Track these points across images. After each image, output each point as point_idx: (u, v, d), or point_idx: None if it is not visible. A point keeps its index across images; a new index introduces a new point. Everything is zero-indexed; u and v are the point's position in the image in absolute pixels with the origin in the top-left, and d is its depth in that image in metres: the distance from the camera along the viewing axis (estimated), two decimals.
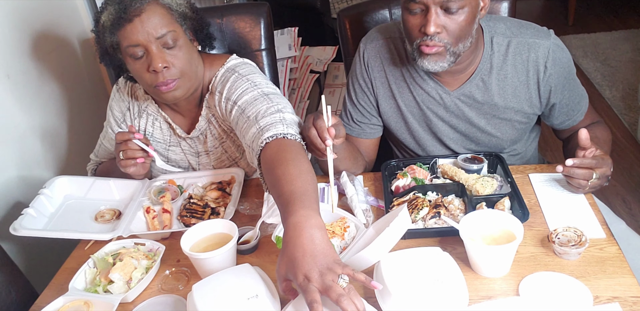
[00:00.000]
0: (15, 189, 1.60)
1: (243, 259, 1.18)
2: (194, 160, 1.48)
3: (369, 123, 1.46)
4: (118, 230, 1.24)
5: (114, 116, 1.49)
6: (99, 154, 1.60)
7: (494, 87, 1.31)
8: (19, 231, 1.23)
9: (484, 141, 1.41)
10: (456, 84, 1.33)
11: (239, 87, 1.29)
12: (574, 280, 1.00)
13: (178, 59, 1.24)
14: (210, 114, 1.39)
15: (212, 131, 1.41)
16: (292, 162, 1.03)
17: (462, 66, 1.29)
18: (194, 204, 1.31)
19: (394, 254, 1.03)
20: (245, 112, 1.24)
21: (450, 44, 1.17)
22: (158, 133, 1.46)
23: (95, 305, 1.07)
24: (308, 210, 0.91)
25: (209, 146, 1.44)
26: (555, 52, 1.28)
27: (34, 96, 1.72)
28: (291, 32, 2.67)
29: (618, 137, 2.86)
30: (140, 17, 1.19)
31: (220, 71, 1.36)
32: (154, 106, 1.44)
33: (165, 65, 1.22)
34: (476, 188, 1.24)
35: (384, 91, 1.40)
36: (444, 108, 1.36)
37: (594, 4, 4.52)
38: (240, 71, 1.34)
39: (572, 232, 1.07)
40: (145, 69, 1.23)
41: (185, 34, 1.28)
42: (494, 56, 1.29)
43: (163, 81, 1.23)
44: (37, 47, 1.74)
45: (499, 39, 1.29)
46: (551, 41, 1.28)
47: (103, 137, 1.56)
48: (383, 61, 1.38)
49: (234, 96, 1.28)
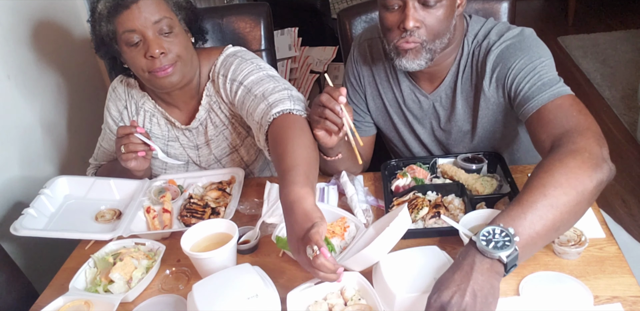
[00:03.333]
0: (16, 189, 1.60)
1: (243, 259, 1.18)
2: (194, 153, 1.49)
3: (363, 121, 1.47)
4: (118, 230, 1.24)
5: (111, 116, 1.49)
6: (98, 158, 1.60)
7: (458, 92, 1.31)
8: (19, 231, 1.23)
9: (464, 145, 1.40)
10: (432, 87, 1.34)
11: (245, 69, 1.31)
12: (574, 280, 1.00)
13: (174, 45, 1.26)
14: (211, 102, 1.40)
15: (214, 120, 1.43)
16: (292, 139, 1.09)
17: (437, 68, 1.29)
18: (194, 204, 1.32)
19: (394, 255, 1.03)
20: (252, 91, 1.27)
21: (427, 41, 1.17)
22: (156, 129, 1.47)
23: (96, 304, 1.07)
24: (292, 186, 0.96)
25: (210, 135, 1.45)
26: (502, 48, 1.21)
27: (35, 96, 1.72)
28: (291, 33, 2.68)
29: (618, 138, 2.87)
30: (137, 3, 1.22)
31: (220, 58, 1.38)
32: (151, 102, 1.44)
33: (162, 51, 1.24)
34: (476, 187, 1.24)
35: (372, 90, 1.42)
36: (422, 111, 1.38)
37: (594, 4, 4.52)
38: (242, 56, 1.37)
39: (572, 232, 1.07)
40: (141, 55, 1.25)
41: (180, 23, 1.31)
42: (462, 59, 1.29)
43: (160, 66, 1.25)
44: (37, 48, 1.74)
45: (470, 40, 1.27)
46: (503, 39, 1.22)
47: (102, 140, 1.56)
48: (370, 60, 1.40)
49: (239, 76, 1.31)
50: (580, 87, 3.34)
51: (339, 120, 1.14)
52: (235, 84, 1.31)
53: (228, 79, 1.33)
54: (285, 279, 1.11)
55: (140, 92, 1.45)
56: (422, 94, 1.35)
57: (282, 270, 1.14)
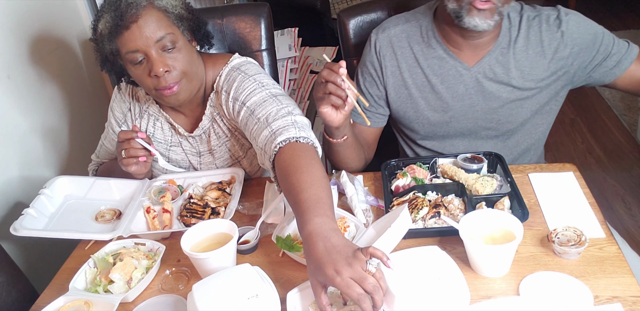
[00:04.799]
0: (16, 189, 1.60)
1: (243, 259, 1.18)
2: (195, 160, 1.49)
3: (375, 112, 1.47)
4: (118, 230, 1.24)
5: (115, 117, 1.49)
6: (100, 155, 1.60)
7: (512, 61, 1.33)
8: (19, 231, 1.23)
9: (500, 120, 1.41)
10: (475, 59, 1.35)
11: (247, 88, 1.29)
12: (574, 280, 1.00)
13: (178, 61, 1.25)
14: (214, 112, 1.39)
15: (216, 130, 1.42)
16: (306, 169, 1.04)
17: (485, 39, 1.32)
18: (194, 204, 1.32)
19: (394, 255, 1.03)
20: (254, 113, 1.24)
21: (500, 3, 1.21)
22: (159, 133, 1.46)
23: (96, 304, 1.07)
24: (322, 217, 0.93)
25: (213, 145, 1.44)
26: (570, 19, 1.32)
27: (35, 96, 1.72)
28: (291, 33, 2.68)
29: (618, 138, 2.87)
30: (137, 23, 1.19)
31: (225, 69, 1.36)
32: (155, 106, 1.44)
33: (166, 69, 1.22)
34: (476, 187, 1.24)
35: (394, 80, 1.42)
36: (464, 86, 1.37)
37: (594, 4, 4.53)
38: (246, 71, 1.34)
39: (572, 232, 1.07)
40: (146, 74, 1.24)
41: (183, 35, 1.28)
42: (511, 29, 1.33)
43: (165, 85, 1.24)
44: (37, 48, 1.74)
45: (513, 14, 1.34)
46: (560, 10, 1.33)
47: (104, 138, 1.56)
48: (395, 49, 1.40)
49: (242, 96, 1.28)
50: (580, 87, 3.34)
51: (342, 93, 1.15)
52: (238, 103, 1.29)
53: (231, 97, 1.31)
54: (285, 279, 1.11)
55: (146, 96, 1.44)
56: (465, 68, 1.35)
57: (282, 270, 1.14)
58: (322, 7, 3.20)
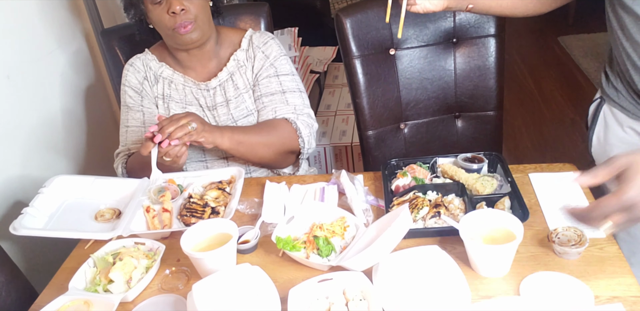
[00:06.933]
0: (15, 188, 1.60)
1: (243, 259, 1.18)
2: (211, 114, 1.55)
3: None
4: (118, 229, 1.24)
5: (132, 87, 1.55)
6: (128, 141, 1.56)
7: None
8: (18, 230, 1.23)
9: None
10: None
11: (281, 65, 1.53)
12: (574, 280, 1.00)
13: (193, 4, 1.39)
14: (238, 66, 1.54)
15: (236, 81, 1.54)
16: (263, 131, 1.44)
17: None
18: (194, 204, 1.31)
19: (394, 255, 1.03)
20: (285, 94, 1.50)
21: None
22: (175, 94, 1.55)
23: (95, 304, 1.07)
24: None
25: (229, 96, 1.54)
26: None
27: (34, 95, 1.72)
28: (291, 33, 2.68)
29: None
30: None
31: (248, 33, 1.55)
32: (169, 69, 1.55)
33: (182, 7, 1.37)
34: (476, 187, 1.24)
35: None
36: None
37: (594, 4, 4.51)
38: (280, 45, 1.56)
39: (572, 232, 1.07)
40: (165, 12, 1.38)
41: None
42: None
43: (181, 23, 1.38)
44: (37, 48, 1.74)
45: None
46: None
47: (126, 122, 1.56)
48: None
49: (278, 69, 1.52)
50: (580, 87, 3.34)
51: None
52: (273, 69, 1.52)
53: (269, 61, 1.52)
54: (285, 279, 1.11)
55: (158, 63, 1.56)
56: None
57: (282, 270, 1.14)
58: (322, 7, 3.21)
